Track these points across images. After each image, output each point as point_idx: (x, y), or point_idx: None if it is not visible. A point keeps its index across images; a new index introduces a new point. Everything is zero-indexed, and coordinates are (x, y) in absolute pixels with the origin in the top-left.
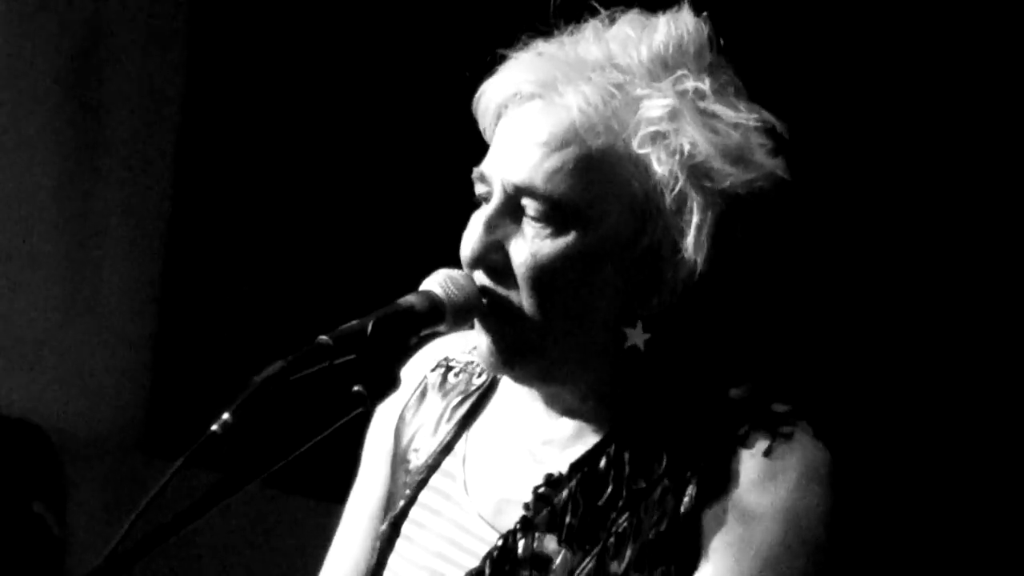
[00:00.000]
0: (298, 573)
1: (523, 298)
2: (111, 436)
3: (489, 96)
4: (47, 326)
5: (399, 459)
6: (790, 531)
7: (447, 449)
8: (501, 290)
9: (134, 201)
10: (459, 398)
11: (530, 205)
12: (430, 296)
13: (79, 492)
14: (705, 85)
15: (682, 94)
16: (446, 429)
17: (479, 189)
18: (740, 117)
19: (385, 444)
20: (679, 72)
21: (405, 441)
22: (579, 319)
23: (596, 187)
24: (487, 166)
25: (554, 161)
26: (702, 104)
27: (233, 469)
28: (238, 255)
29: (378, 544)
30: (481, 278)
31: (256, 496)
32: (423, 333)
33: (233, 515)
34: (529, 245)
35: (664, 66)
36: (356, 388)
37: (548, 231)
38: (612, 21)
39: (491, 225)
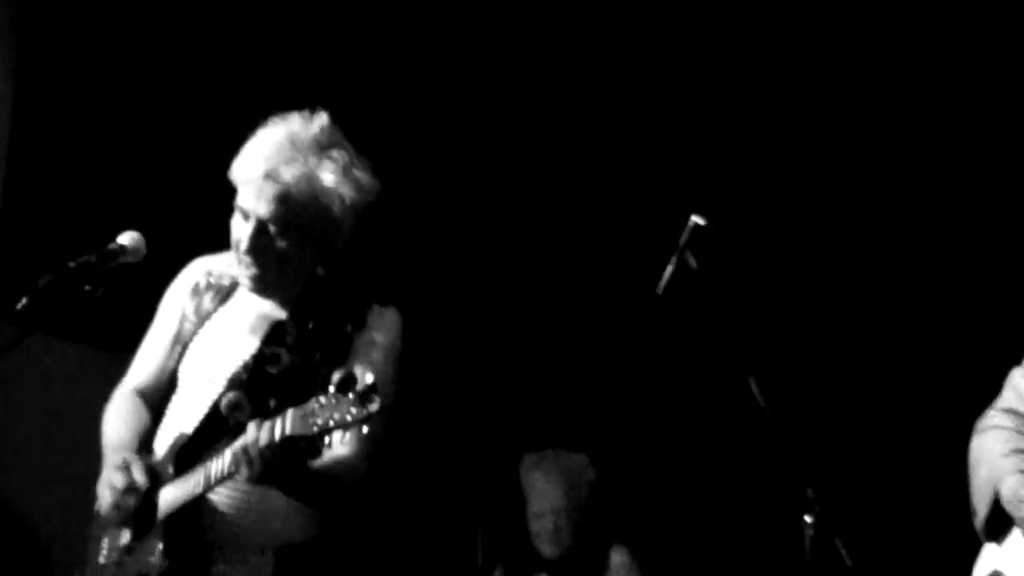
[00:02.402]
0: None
1: (273, 266)
2: None
3: (241, 166)
4: None
5: (184, 318)
6: (392, 342)
7: (214, 311)
8: (259, 262)
9: None
10: (215, 290)
11: (271, 227)
12: (122, 244)
13: None
14: (346, 158)
15: (336, 166)
16: (210, 306)
17: (241, 211)
18: (365, 170)
19: (177, 308)
20: (331, 151)
21: (187, 310)
22: (297, 271)
23: (304, 218)
24: (246, 205)
25: (282, 208)
26: (347, 170)
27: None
28: (78, 139)
29: (171, 364)
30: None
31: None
32: (119, 261)
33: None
34: (276, 245)
35: (320, 146)
36: (87, 287)
37: (283, 238)
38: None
39: (255, 237)
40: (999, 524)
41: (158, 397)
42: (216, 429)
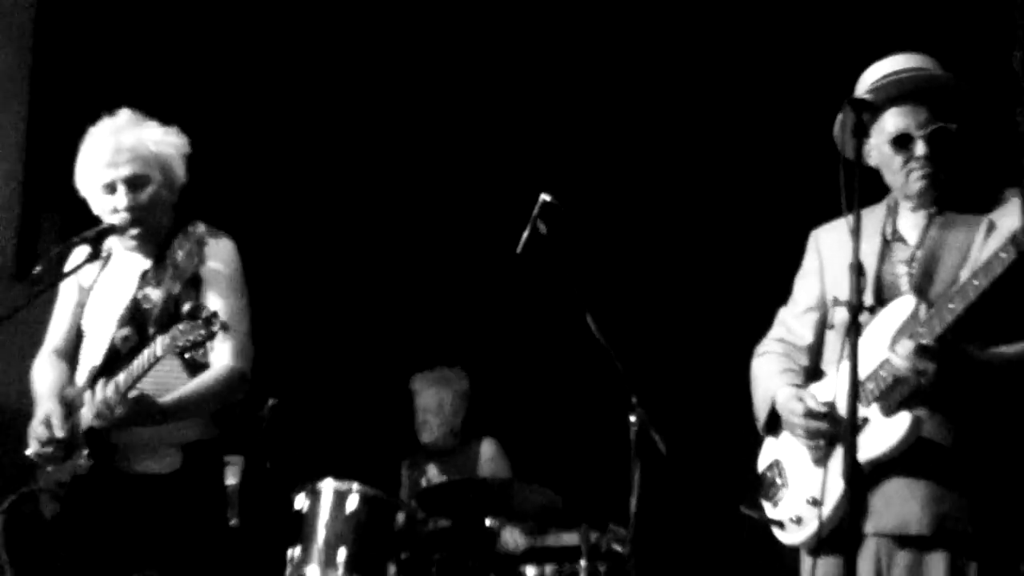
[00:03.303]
0: None
1: (145, 214)
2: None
3: (89, 162)
4: None
5: (81, 288)
6: (228, 267)
7: (98, 277)
8: (136, 217)
9: None
10: (96, 263)
11: (136, 181)
12: (112, 223)
13: None
14: (157, 123)
15: (156, 127)
16: (95, 274)
17: (108, 189)
18: (176, 130)
19: (73, 284)
20: (144, 120)
21: (81, 282)
22: (161, 215)
23: (153, 165)
24: (109, 178)
25: (136, 162)
26: (165, 128)
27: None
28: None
29: (76, 322)
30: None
31: None
32: (111, 236)
33: None
34: (143, 194)
35: (136, 121)
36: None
37: (146, 186)
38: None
39: (128, 196)
40: (775, 425)
41: (72, 348)
42: (115, 358)
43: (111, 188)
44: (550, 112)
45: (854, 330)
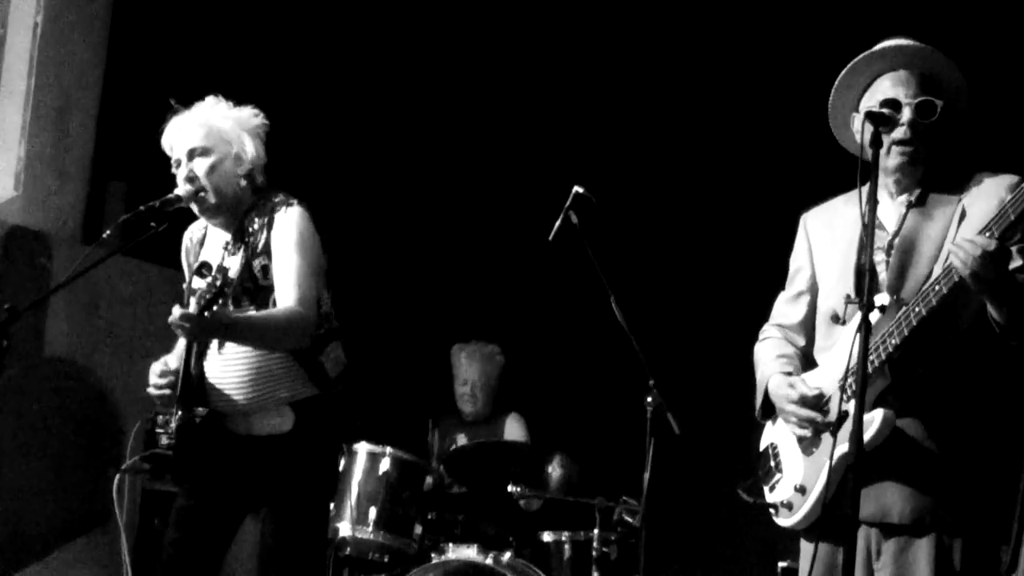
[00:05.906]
0: None
1: (209, 182)
2: (65, 231)
3: (170, 140)
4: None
5: (190, 267)
6: (295, 232)
7: (200, 254)
8: (199, 184)
9: None
10: (198, 242)
11: (198, 151)
12: (177, 194)
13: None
14: (230, 104)
15: (224, 107)
16: (198, 250)
17: (176, 165)
18: (252, 109)
19: (185, 264)
20: (218, 103)
21: (191, 261)
22: (227, 183)
23: (214, 137)
24: (178, 153)
25: (198, 132)
26: (234, 106)
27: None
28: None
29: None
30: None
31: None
32: (176, 206)
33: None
34: (206, 163)
35: (211, 103)
36: (152, 224)
37: (208, 154)
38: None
39: (190, 166)
40: (770, 409)
41: None
42: None
43: (178, 164)
44: (583, 117)
45: (865, 329)
